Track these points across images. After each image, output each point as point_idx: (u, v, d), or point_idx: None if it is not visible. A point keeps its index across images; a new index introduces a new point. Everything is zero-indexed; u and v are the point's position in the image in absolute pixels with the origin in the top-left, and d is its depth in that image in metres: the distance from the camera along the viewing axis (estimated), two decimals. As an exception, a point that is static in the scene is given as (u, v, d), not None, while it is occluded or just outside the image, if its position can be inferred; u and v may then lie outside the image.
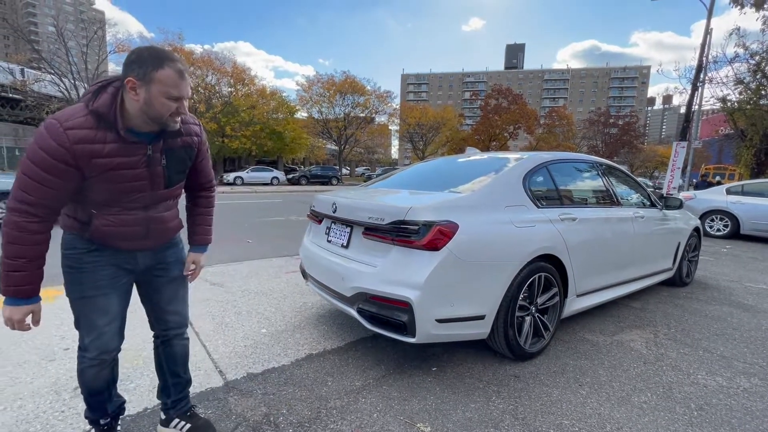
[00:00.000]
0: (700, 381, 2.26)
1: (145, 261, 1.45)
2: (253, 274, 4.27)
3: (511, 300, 2.23)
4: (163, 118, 1.23)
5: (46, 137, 1.12)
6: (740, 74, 15.40)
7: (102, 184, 1.23)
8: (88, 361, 1.40)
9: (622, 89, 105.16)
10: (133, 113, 1.21)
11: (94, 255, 1.34)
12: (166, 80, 1.17)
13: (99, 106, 1.18)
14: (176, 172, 1.39)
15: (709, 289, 4.26)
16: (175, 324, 1.61)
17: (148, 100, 1.18)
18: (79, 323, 1.38)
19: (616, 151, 47.96)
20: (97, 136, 1.17)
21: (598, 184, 3.25)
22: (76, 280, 1.34)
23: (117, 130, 1.19)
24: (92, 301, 1.35)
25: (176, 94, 1.20)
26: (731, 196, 8.16)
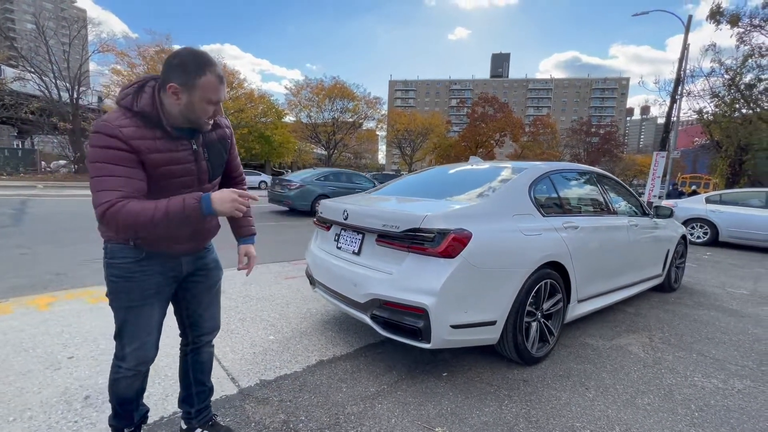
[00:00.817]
0: (697, 383, 2.37)
1: (188, 267, 1.47)
2: (251, 279, 4.24)
3: (520, 306, 2.29)
4: (201, 121, 1.28)
5: (103, 136, 1.15)
6: (716, 88, 16.14)
7: (155, 180, 1.25)
8: (125, 371, 1.39)
9: (602, 99, 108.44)
10: (172, 114, 1.25)
11: (144, 264, 1.34)
12: (207, 87, 1.21)
13: (143, 106, 1.22)
14: (217, 166, 1.45)
15: (696, 294, 4.44)
16: (209, 329, 1.62)
17: (189, 105, 1.22)
18: (122, 333, 1.36)
19: (597, 159, 49.37)
20: (146, 133, 1.21)
21: (595, 194, 3.37)
22: (124, 289, 1.32)
23: (163, 127, 1.24)
24: (139, 310, 1.35)
25: (215, 98, 1.25)
26: (710, 205, 8.53)
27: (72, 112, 23.64)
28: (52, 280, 3.87)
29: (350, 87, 36.16)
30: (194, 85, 1.19)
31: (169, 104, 1.23)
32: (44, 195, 12.73)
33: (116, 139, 1.15)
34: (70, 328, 2.73)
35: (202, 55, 1.22)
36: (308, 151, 43.22)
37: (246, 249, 1.66)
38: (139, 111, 1.21)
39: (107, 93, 25.32)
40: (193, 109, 1.23)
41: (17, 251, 4.91)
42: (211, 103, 1.25)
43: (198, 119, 1.27)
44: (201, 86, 1.20)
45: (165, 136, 1.25)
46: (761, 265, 6.47)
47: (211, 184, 1.44)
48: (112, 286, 1.33)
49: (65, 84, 23.83)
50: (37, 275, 3.99)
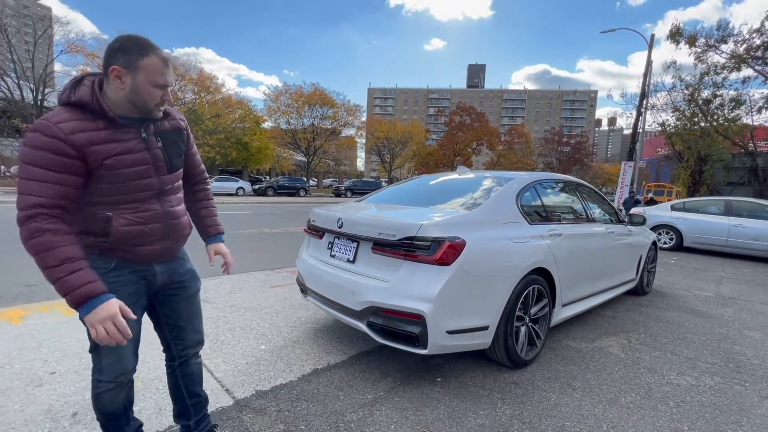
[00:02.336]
0: (673, 381, 2.52)
1: (162, 278, 1.41)
2: (236, 289, 4.17)
3: (510, 311, 2.38)
4: (149, 106, 1.23)
5: (39, 136, 1.09)
6: (677, 102, 17.21)
7: (108, 173, 1.19)
8: (105, 384, 1.34)
9: (573, 111, 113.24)
10: (117, 101, 1.20)
11: (114, 275, 1.27)
12: (151, 68, 1.17)
13: (81, 96, 1.16)
14: (175, 155, 1.38)
15: (666, 297, 4.70)
16: (193, 342, 1.57)
17: (134, 88, 1.18)
18: (97, 346, 1.29)
19: (569, 168, 51.36)
20: (88, 125, 1.16)
21: (575, 202, 3.54)
22: None
23: (105, 116, 1.18)
24: None
25: (162, 81, 1.20)
26: (675, 212, 9.05)
27: (36, 114, 22.47)
28: (22, 292, 3.68)
29: (330, 94, 36.20)
30: (137, 67, 1.15)
31: (114, 90, 1.18)
32: (5, 201, 12.01)
33: (54, 138, 1.09)
34: (48, 342, 2.61)
35: (144, 38, 1.19)
36: (287, 158, 42.78)
37: (215, 248, 1.62)
38: (77, 101, 1.16)
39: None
40: (138, 92, 1.18)
41: (-19, 261, 4.63)
42: (157, 86, 1.20)
43: (145, 104, 1.21)
44: (145, 67, 1.16)
45: (109, 126, 1.19)
46: (722, 268, 6.91)
47: (171, 176, 1.37)
48: None
49: (29, 85, 22.68)
50: (5, 287, 3.78)
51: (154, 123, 1.31)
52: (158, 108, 1.25)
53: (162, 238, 1.34)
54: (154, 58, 1.17)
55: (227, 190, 25.50)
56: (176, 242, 1.42)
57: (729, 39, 15.08)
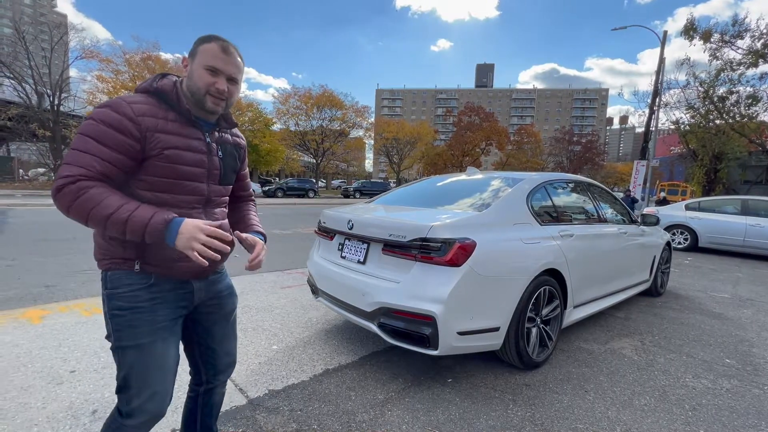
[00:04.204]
0: (688, 384, 2.48)
1: (200, 295, 1.30)
2: (248, 290, 4.22)
3: (521, 312, 2.37)
4: (201, 93, 1.17)
5: (108, 111, 1.08)
6: (691, 100, 16.89)
7: (163, 164, 1.13)
8: (131, 429, 1.17)
9: (583, 109, 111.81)
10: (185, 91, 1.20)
11: (153, 291, 1.17)
12: (206, 51, 1.17)
13: (162, 85, 1.18)
14: (230, 169, 1.34)
15: (680, 298, 4.62)
16: (225, 366, 1.45)
17: (191, 73, 1.18)
18: (128, 381, 1.14)
19: (579, 167, 50.69)
20: (158, 112, 1.15)
21: (587, 203, 3.51)
22: (129, 323, 1.13)
23: (180, 109, 1.18)
24: (150, 349, 1.15)
25: (212, 64, 1.16)
26: (690, 212, 8.88)
27: (52, 119, 23.07)
28: (42, 292, 3.78)
29: (338, 96, 36.38)
30: (196, 52, 1.17)
31: (183, 83, 1.20)
32: (24, 204, 12.34)
33: (123, 116, 1.07)
34: (68, 341, 2.68)
35: (217, 35, 1.20)
36: (296, 159, 43.09)
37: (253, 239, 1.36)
38: (157, 88, 1.17)
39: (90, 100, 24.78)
40: (192, 76, 1.17)
41: (2, 262, 4.77)
42: (208, 68, 1.16)
43: (198, 89, 1.17)
44: (201, 51, 1.17)
45: (179, 120, 1.18)
46: (739, 269, 6.76)
47: (221, 187, 1.31)
48: (116, 322, 1.14)
49: (46, 90, 23.28)
50: (25, 288, 3.88)
51: (218, 132, 1.29)
52: (212, 99, 1.19)
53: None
54: (212, 44, 1.17)
55: (237, 191, 25.73)
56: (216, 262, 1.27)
57: (745, 34, 14.77)
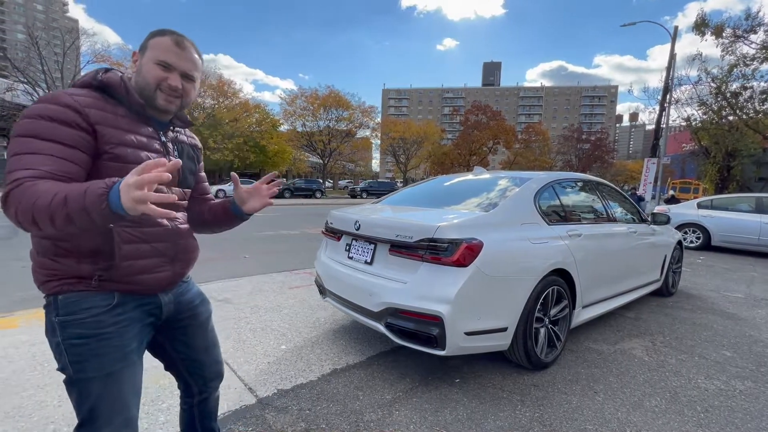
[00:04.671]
0: (701, 385, 2.45)
1: (169, 309, 1.19)
2: (257, 290, 4.26)
3: (529, 312, 2.36)
4: (151, 89, 1.07)
5: (47, 105, 0.94)
6: (703, 96, 16.60)
7: (115, 165, 1.00)
8: None
9: (592, 107, 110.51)
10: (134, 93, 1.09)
11: (117, 312, 1.04)
12: (158, 45, 1.08)
13: (108, 78, 1.06)
14: (188, 171, 1.25)
15: (693, 298, 4.55)
16: (215, 375, 1.38)
17: (140, 68, 1.09)
18: (95, 415, 1.01)
19: (588, 165, 50.12)
20: (107, 107, 1.03)
21: (596, 202, 3.48)
22: (94, 352, 0.99)
23: (129, 105, 1.07)
24: (119, 376, 1.03)
25: (164, 58, 1.07)
26: (702, 210, 8.72)
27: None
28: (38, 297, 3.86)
29: (345, 96, 36.50)
30: (146, 46, 1.08)
31: (132, 76, 1.10)
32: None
33: (66, 107, 0.94)
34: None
35: (171, 29, 1.11)
36: (303, 160, 43.32)
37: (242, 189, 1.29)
38: (103, 81, 1.05)
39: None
40: (141, 71, 1.08)
41: (18, 264, 4.88)
42: (160, 64, 1.07)
43: (147, 85, 1.07)
44: (152, 45, 1.08)
45: (129, 116, 1.07)
46: (753, 268, 6.62)
47: (181, 191, 1.22)
48: (75, 352, 0.99)
49: (59, 94, 23.75)
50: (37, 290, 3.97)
51: (173, 131, 1.20)
52: (164, 96, 1.08)
53: (171, 261, 1.15)
54: (165, 38, 1.08)
55: (245, 192, 25.96)
56: (185, 267, 1.22)
57: (759, 28, 14.48)
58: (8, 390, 2.09)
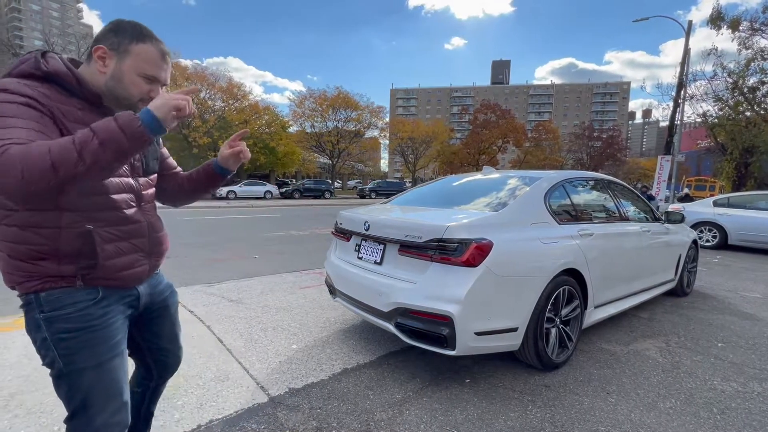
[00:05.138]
0: (717, 387, 2.40)
1: (144, 299, 1.23)
2: (267, 290, 4.31)
3: (540, 312, 2.35)
4: (133, 99, 1.05)
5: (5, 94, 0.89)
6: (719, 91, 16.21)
7: None
8: None
9: (604, 104, 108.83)
10: (95, 86, 1.02)
11: (103, 305, 1.06)
12: (144, 55, 1.02)
13: (55, 67, 0.97)
14: (152, 158, 1.23)
15: (709, 298, 4.45)
16: (175, 363, 1.44)
17: (117, 75, 1.01)
18: (88, 403, 1.03)
19: (600, 163, 49.35)
20: (63, 99, 0.97)
21: (608, 201, 3.43)
22: (84, 344, 1.02)
23: (83, 97, 1.01)
24: (110, 365, 1.06)
25: (152, 73, 1.04)
26: (718, 208, 8.53)
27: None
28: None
29: (353, 96, 36.61)
30: (127, 51, 1.00)
31: (92, 74, 1.02)
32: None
33: (25, 96, 0.90)
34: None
35: (145, 27, 1.05)
36: (312, 161, 43.58)
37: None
38: (50, 72, 0.96)
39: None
40: (121, 80, 1.01)
41: (37, 265, 5.01)
42: (145, 77, 1.03)
43: (128, 96, 1.03)
44: (136, 53, 1.01)
45: (84, 108, 1.00)
46: (772, 268, 6.45)
47: (147, 179, 1.21)
48: (65, 346, 1.00)
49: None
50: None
51: None
52: (144, 104, 1.00)
53: (148, 255, 1.18)
54: (149, 46, 1.03)
55: (255, 193, 26.27)
56: (159, 259, 1.26)
57: (777, 21, 14.07)
58: (30, 387, 2.16)
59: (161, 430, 1.82)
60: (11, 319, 3.14)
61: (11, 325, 3.01)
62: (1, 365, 2.40)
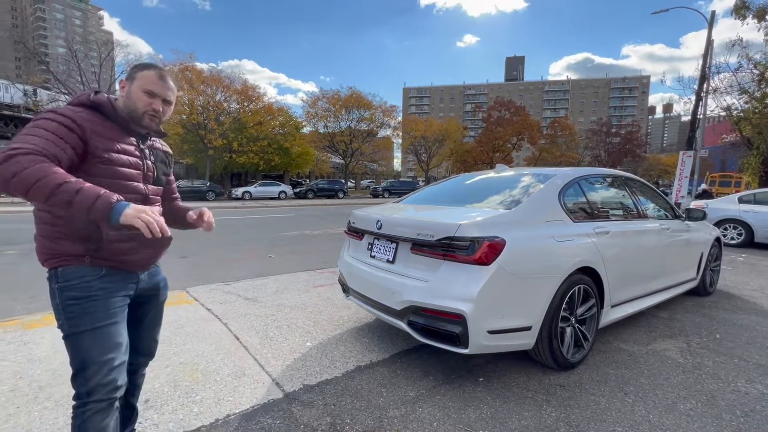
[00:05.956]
0: (741, 389, 2.33)
1: (143, 285, 1.45)
2: (282, 289, 4.37)
3: (554, 311, 2.32)
4: (140, 112, 1.36)
5: (53, 114, 1.21)
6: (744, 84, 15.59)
7: (104, 166, 1.27)
8: (94, 405, 1.23)
9: (622, 99, 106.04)
10: (120, 108, 1.36)
11: (105, 281, 1.28)
12: (145, 77, 1.36)
13: (98, 98, 1.33)
14: (161, 172, 1.52)
15: (733, 298, 4.31)
16: (149, 351, 1.60)
17: (129, 94, 1.36)
18: (86, 363, 1.23)
19: (619, 160, 48.12)
20: (98, 120, 1.30)
21: (625, 198, 3.36)
22: (85, 310, 1.24)
23: (115, 120, 1.34)
24: (107, 330, 1.26)
25: (150, 88, 1.35)
26: (744, 205, 8.23)
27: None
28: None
29: (366, 96, 36.67)
30: (135, 77, 1.36)
31: (119, 101, 1.37)
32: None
33: (66, 117, 1.21)
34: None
35: (152, 62, 1.47)
36: (325, 161, 43.86)
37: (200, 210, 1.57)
38: (94, 102, 1.31)
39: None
40: (130, 96, 1.35)
41: (63, 264, 5.21)
42: (146, 91, 1.34)
43: (136, 110, 1.35)
44: (140, 77, 1.35)
45: (115, 128, 1.33)
46: (802, 266, 6.19)
47: (155, 188, 1.48)
48: (70, 311, 1.23)
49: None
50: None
51: (149, 140, 1.47)
52: (149, 116, 1.37)
53: (149, 245, 1.37)
54: (149, 71, 1.37)
55: (270, 194, 26.63)
56: (159, 251, 1.47)
57: (807, 9, 13.43)
58: (58, 380, 2.25)
59: (181, 424, 1.88)
60: (40, 316, 3.28)
61: (39, 322, 3.14)
62: (31, 360, 2.51)
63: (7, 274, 4.91)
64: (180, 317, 3.32)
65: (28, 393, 2.12)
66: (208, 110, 28.99)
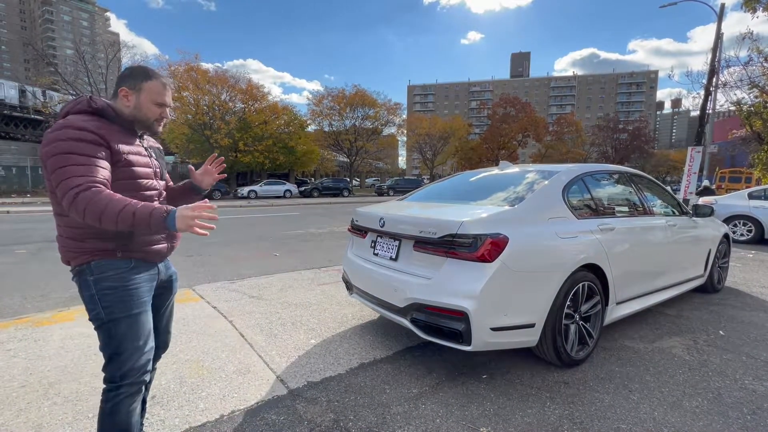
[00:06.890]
0: (748, 386, 2.30)
1: (161, 276, 1.53)
2: (287, 287, 4.40)
3: (558, 308, 2.31)
4: (150, 121, 1.43)
5: (69, 131, 1.22)
6: (754, 78, 15.31)
7: (126, 170, 1.34)
8: (126, 389, 1.35)
9: (629, 94, 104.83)
10: (124, 116, 1.40)
11: (134, 272, 1.38)
12: (152, 89, 1.40)
13: (100, 105, 1.35)
14: (162, 167, 1.59)
15: (742, 295, 4.25)
16: (165, 343, 1.67)
17: (137, 105, 1.39)
18: (121, 349, 1.33)
19: (626, 156, 47.60)
20: (106, 126, 1.32)
21: (630, 194, 3.33)
22: (120, 298, 1.33)
23: (121, 124, 1.38)
24: (139, 318, 1.37)
25: (161, 100, 1.42)
26: (754, 201, 8.10)
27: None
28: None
29: (371, 94, 36.64)
30: (141, 88, 1.38)
31: (120, 108, 1.39)
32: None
33: (85, 131, 1.23)
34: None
35: (148, 67, 1.44)
36: (330, 159, 43.92)
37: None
38: (97, 109, 1.33)
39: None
40: (140, 108, 1.39)
41: (72, 263, 5.29)
42: (157, 104, 1.41)
43: (147, 119, 1.41)
44: (148, 89, 1.39)
45: (122, 131, 1.38)
46: (814, 263, 6.09)
47: (162, 183, 1.55)
48: (107, 300, 1.32)
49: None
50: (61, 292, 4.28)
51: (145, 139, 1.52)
52: (158, 123, 1.45)
53: (167, 238, 1.50)
54: (155, 82, 1.40)
55: (275, 193, 26.76)
56: (174, 243, 1.57)
57: (819, 1, 13.15)
58: (67, 377, 2.29)
59: (186, 420, 1.90)
60: (50, 314, 3.34)
61: (50, 320, 3.20)
62: (41, 356, 2.56)
63: (18, 273, 4.99)
64: (186, 315, 3.35)
65: (38, 389, 2.17)
66: (214, 110, 29.15)
